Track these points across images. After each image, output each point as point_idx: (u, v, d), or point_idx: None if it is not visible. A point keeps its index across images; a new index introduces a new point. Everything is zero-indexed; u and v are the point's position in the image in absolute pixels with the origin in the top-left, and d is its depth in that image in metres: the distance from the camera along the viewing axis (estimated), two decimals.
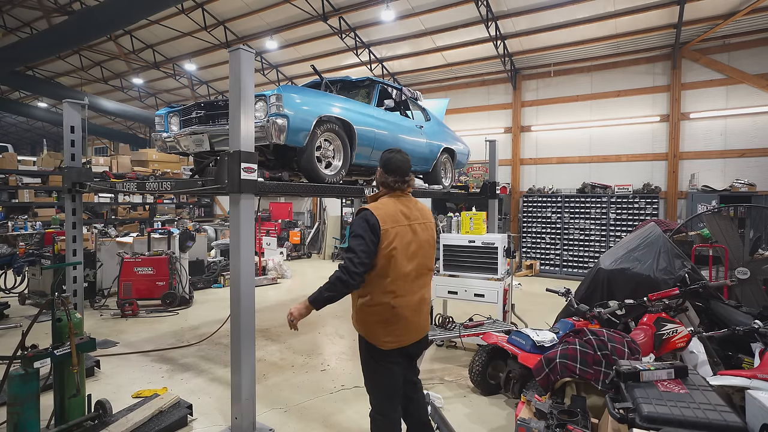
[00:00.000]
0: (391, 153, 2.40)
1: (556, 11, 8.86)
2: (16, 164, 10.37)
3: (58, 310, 2.89)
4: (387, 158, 2.39)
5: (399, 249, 2.23)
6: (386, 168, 2.37)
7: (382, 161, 2.40)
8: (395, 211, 2.29)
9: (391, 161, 2.36)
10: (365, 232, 2.18)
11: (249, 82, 3.00)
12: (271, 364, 4.45)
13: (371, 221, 2.20)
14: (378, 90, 4.98)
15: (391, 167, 2.36)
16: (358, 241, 2.18)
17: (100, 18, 8.46)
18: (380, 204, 2.31)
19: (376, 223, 2.19)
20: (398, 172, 2.36)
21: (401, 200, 2.38)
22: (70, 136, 4.66)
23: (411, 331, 2.35)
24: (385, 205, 2.30)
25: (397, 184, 2.37)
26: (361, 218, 2.23)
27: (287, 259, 11.38)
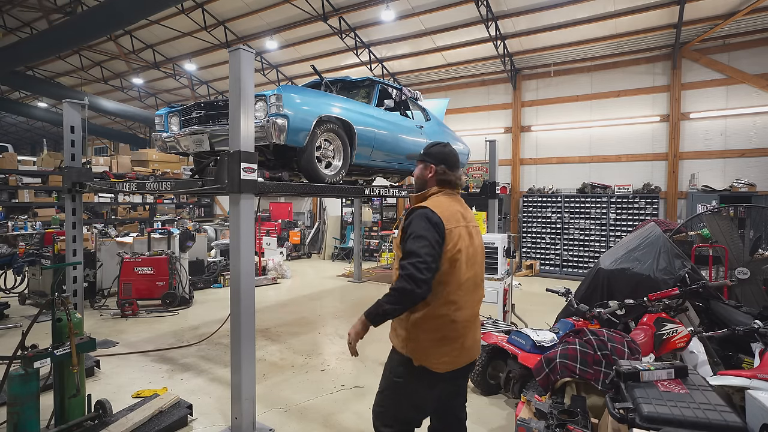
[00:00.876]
0: (445, 147, 2.15)
1: (556, 11, 8.86)
2: (16, 164, 10.37)
3: (58, 310, 2.89)
4: (447, 152, 2.13)
5: (462, 252, 1.96)
6: (448, 163, 2.10)
7: (439, 156, 2.12)
8: (455, 210, 2.02)
9: (452, 155, 2.12)
10: (428, 232, 1.87)
11: (249, 82, 3.01)
12: (271, 364, 4.45)
13: (434, 219, 1.90)
14: (378, 90, 4.98)
15: (452, 161, 2.11)
16: (420, 242, 1.85)
17: (99, 18, 8.46)
18: (437, 202, 2.01)
19: (440, 222, 1.90)
20: (458, 167, 2.14)
21: (456, 199, 2.12)
22: (70, 136, 4.67)
23: (469, 349, 2.04)
24: (442, 204, 2.01)
25: (459, 181, 2.13)
26: (421, 217, 1.92)
27: (287, 259, 11.38)
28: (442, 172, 2.09)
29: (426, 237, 1.85)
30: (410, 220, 1.94)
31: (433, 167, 2.10)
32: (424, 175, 2.14)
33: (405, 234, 1.94)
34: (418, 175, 2.16)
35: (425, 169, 2.14)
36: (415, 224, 1.91)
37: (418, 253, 1.82)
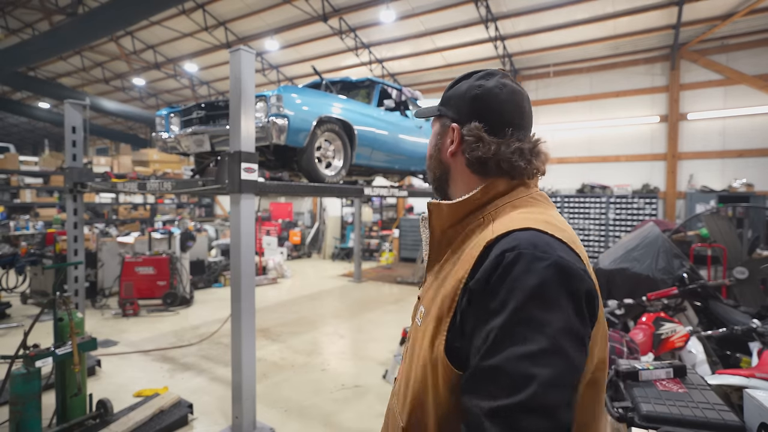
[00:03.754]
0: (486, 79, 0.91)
1: (555, 12, 8.87)
2: (18, 164, 10.38)
3: (59, 310, 2.91)
4: (489, 90, 0.89)
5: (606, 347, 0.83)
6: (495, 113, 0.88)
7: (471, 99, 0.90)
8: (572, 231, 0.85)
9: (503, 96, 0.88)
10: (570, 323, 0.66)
11: (249, 82, 3.02)
12: (271, 364, 4.46)
13: (574, 278, 0.69)
14: (378, 90, 5.00)
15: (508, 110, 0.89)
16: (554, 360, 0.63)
17: (101, 19, 8.49)
18: (544, 216, 0.80)
19: (588, 283, 0.70)
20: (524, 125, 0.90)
21: (548, 206, 0.88)
22: (72, 136, 4.69)
23: None
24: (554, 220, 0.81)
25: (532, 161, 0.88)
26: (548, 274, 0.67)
27: (287, 259, 11.40)
28: (475, 137, 0.87)
29: (547, 335, 0.64)
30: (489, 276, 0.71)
31: (456, 130, 0.91)
32: (442, 148, 0.95)
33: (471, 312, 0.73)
34: (431, 152, 0.99)
35: (442, 133, 0.95)
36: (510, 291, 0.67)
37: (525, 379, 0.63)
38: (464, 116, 0.90)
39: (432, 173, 1.00)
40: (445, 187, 0.97)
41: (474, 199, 0.85)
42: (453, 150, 0.92)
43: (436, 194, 1.00)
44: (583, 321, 0.67)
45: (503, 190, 0.86)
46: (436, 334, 0.77)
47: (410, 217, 12.08)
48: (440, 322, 0.77)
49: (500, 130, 0.86)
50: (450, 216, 0.87)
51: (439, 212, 0.89)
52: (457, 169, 0.92)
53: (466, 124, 0.89)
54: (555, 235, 0.72)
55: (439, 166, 0.96)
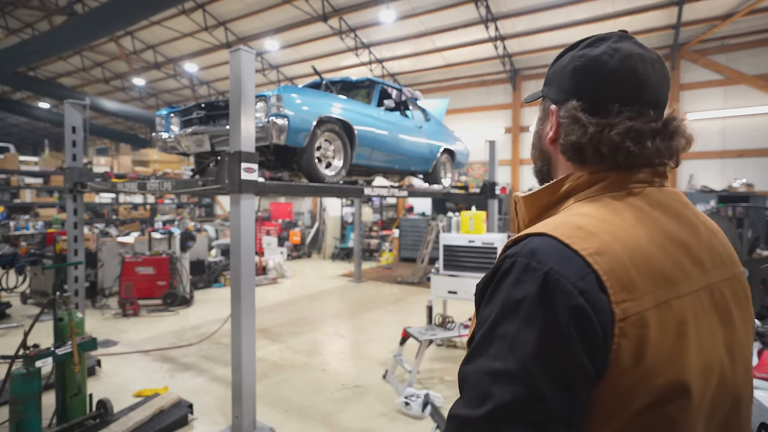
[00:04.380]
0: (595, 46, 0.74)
1: (555, 12, 8.88)
2: (18, 164, 10.38)
3: (59, 310, 2.91)
4: (601, 61, 0.71)
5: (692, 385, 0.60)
6: (606, 85, 0.71)
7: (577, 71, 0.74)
8: (649, 243, 0.64)
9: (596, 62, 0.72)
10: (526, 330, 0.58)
11: (249, 82, 3.02)
12: (271, 364, 4.47)
13: (558, 293, 0.57)
14: (378, 90, 5.00)
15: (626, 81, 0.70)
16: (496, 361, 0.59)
17: (101, 19, 8.49)
18: (586, 221, 0.65)
19: (575, 299, 0.57)
20: (655, 100, 0.72)
21: (658, 200, 0.70)
22: (72, 136, 4.69)
23: None
24: (605, 226, 0.64)
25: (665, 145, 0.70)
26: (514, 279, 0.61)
27: (287, 259, 11.40)
28: (570, 118, 0.73)
29: (517, 356, 0.57)
30: (488, 281, 0.67)
31: (555, 112, 0.78)
32: (542, 135, 0.83)
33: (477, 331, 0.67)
34: (533, 141, 0.88)
35: (544, 117, 0.83)
36: (496, 303, 0.63)
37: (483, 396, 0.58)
38: (563, 95, 0.75)
39: (535, 165, 0.89)
40: (548, 180, 0.81)
41: (546, 193, 0.76)
42: (552, 136, 0.79)
43: (538, 180, 0.89)
44: (566, 345, 0.55)
45: (585, 182, 0.71)
46: (471, 325, 0.74)
47: (410, 217, 12.08)
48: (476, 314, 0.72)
49: (604, 108, 0.70)
50: (527, 210, 0.79)
51: (519, 205, 0.81)
52: (558, 159, 0.79)
53: (564, 104, 0.74)
54: (569, 244, 0.60)
55: (541, 156, 0.85)
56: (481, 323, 0.64)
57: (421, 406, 3.26)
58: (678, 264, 0.64)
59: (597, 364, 0.57)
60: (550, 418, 0.55)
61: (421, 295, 7.45)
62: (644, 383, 0.58)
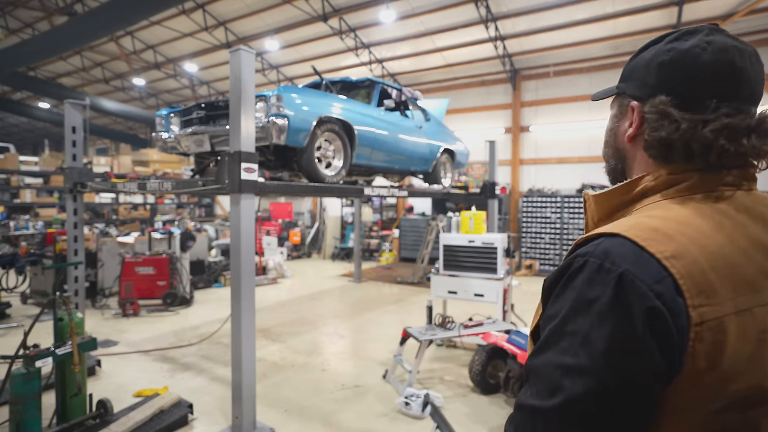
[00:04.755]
0: (685, 39, 0.70)
1: (555, 12, 8.89)
2: (18, 164, 10.39)
3: (59, 310, 2.91)
4: (694, 56, 0.67)
5: None
6: (669, 76, 0.70)
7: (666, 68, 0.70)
8: (729, 248, 0.62)
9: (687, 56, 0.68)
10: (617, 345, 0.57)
11: (250, 82, 3.02)
12: (271, 364, 4.47)
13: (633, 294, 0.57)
14: (378, 90, 5.00)
15: (694, 73, 0.68)
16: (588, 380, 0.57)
17: (101, 19, 8.49)
18: (663, 223, 0.63)
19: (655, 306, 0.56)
20: (744, 88, 0.67)
21: (745, 204, 0.68)
22: (72, 136, 4.69)
23: None
24: (684, 229, 0.62)
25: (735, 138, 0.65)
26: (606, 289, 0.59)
27: (287, 259, 11.40)
28: (659, 114, 0.70)
29: (588, 352, 0.58)
30: (557, 279, 0.67)
31: (637, 108, 0.74)
32: (618, 132, 0.82)
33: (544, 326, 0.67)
34: (606, 139, 0.87)
35: (620, 114, 0.81)
36: (565, 300, 0.63)
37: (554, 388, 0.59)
38: (647, 90, 0.72)
39: (608, 164, 0.86)
40: (622, 179, 0.79)
41: (618, 192, 0.74)
42: (632, 133, 0.76)
43: (610, 180, 0.86)
44: (639, 345, 0.56)
45: (663, 182, 0.70)
46: (535, 317, 0.75)
47: (410, 217, 12.09)
48: (539, 307, 0.74)
49: (697, 103, 0.67)
50: (597, 209, 0.77)
51: (589, 204, 0.79)
52: (635, 157, 0.77)
53: (649, 99, 0.71)
54: (644, 247, 0.60)
55: (615, 155, 0.82)
56: (549, 318, 0.65)
57: (421, 406, 3.26)
58: (763, 271, 0.63)
59: (671, 365, 0.57)
60: (619, 412, 0.57)
61: (421, 295, 7.46)
62: (720, 387, 0.58)
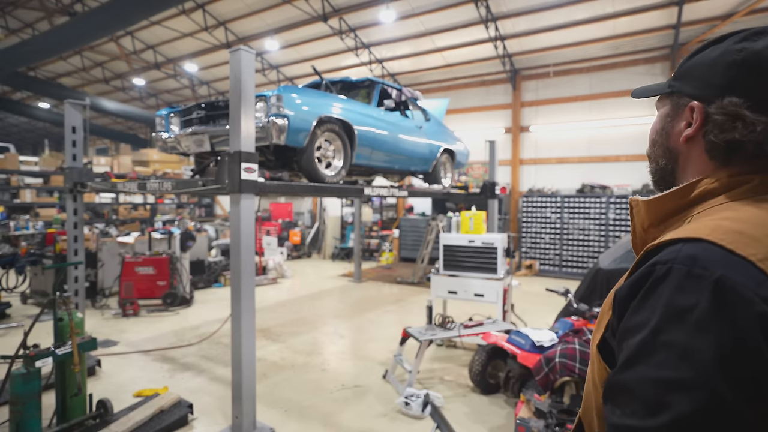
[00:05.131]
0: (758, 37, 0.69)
1: (555, 12, 8.88)
2: (18, 164, 10.38)
3: (59, 310, 2.91)
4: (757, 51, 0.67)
5: None
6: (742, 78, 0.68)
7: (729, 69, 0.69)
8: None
9: (760, 57, 0.67)
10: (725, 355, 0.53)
11: (249, 82, 3.02)
12: (271, 364, 4.47)
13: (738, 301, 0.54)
14: (378, 90, 5.00)
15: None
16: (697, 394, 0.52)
17: (101, 19, 8.49)
18: (742, 225, 0.62)
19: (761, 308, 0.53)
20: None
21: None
22: (72, 136, 4.69)
23: None
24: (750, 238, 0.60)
25: None
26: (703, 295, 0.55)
27: (287, 259, 11.40)
28: (730, 115, 0.68)
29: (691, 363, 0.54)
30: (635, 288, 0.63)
31: (698, 108, 0.72)
32: (672, 132, 0.79)
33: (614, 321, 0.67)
34: (654, 138, 0.83)
35: (674, 114, 0.79)
36: (652, 309, 0.59)
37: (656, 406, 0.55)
38: (713, 91, 0.70)
39: (655, 163, 0.82)
40: (670, 180, 0.79)
41: (675, 196, 0.73)
42: (690, 134, 0.73)
43: (657, 189, 0.81)
44: (753, 352, 0.52)
45: (723, 185, 0.69)
46: (598, 329, 0.73)
47: (410, 217, 12.09)
48: (602, 318, 0.73)
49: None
50: (649, 215, 0.76)
51: (638, 209, 0.78)
52: (690, 158, 0.75)
53: (716, 101, 0.69)
54: (734, 250, 0.58)
55: (666, 155, 0.79)
56: (631, 331, 0.61)
57: (421, 406, 3.26)
58: None
59: None
60: (734, 427, 0.52)
61: (421, 295, 7.46)
62: None
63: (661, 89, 0.80)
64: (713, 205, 0.68)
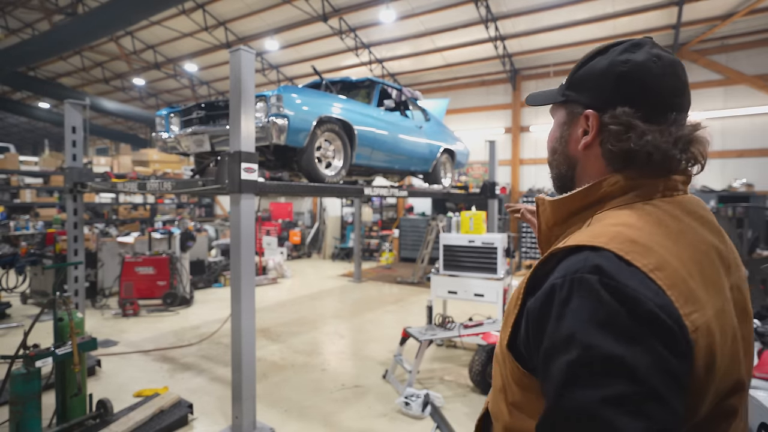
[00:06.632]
0: (633, 51, 0.74)
1: (555, 12, 8.88)
2: (18, 164, 10.38)
3: (59, 310, 2.91)
4: (637, 67, 0.72)
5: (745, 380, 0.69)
6: (644, 95, 0.72)
7: (614, 79, 0.73)
8: (693, 252, 0.67)
9: (653, 74, 0.71)
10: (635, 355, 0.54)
11: (249, 82, 3.02)
12: (271, 364, 4.47)
13: (643, 306, 0.57)
14: (378, 90, 5.00)
15: (662, 89, 0.72)
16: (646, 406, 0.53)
17: (101, 19, 8.49)
18: (636, 233, 0.65)
19: (661, 316, 0.57)
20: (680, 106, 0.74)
21: (688, 208, 0.73)
22: (72, 136, 4.69)
23: None
24: (651, 236, 0.65)
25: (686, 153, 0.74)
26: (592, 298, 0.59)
27: (287, 259, 11.40)
28: (623, 125, 0.71)
29: (633, 376, 0.54)
30: (548, 301, 0.64)
31: (593, 117, 0.76)
32: (570, 140, 0.82)
33: (529, 333, 0.68)
34: (554, 146, 0.85)
35: (570, 122, 0.82)
36: (576, 322, 0.59)
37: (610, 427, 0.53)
38: (606, 100, 0.74)
39: (556, 170, 0.85)
40: (570, 185, 0.82)
41: (577, 198, 0.76)
42: (588, 141, 0.77)
43: (558, 193, 0.83)
44: (668, 360, 0.55)
45: (621, 188, 0.72)
46: (505, 327, 0.75)
47: (410, 217, 12.08)
48: (509, 316, 0.74)
49: (659, 115, 0.71)
50: (553, 214, 0.79)
51: (544, 209, 0.81)
52: (588, 164, 0.78)
53: (608, 110, 0.73)
54: (631, 261, 0.60)
55: (566, 162, 0.82)
56: (556, 348, 0.60)
57: (421, 406, 3.26)
58: (718, 270, 0.68)
59: (687, 373, 0.57)
60: (678, 427, 0.56)
61: (421, 295, 7.45)
62: (714, 390, 0.61)
63: (555, 98, 0.84)
64: (612, 207, 0.72)
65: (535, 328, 0.65)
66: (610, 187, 0.73)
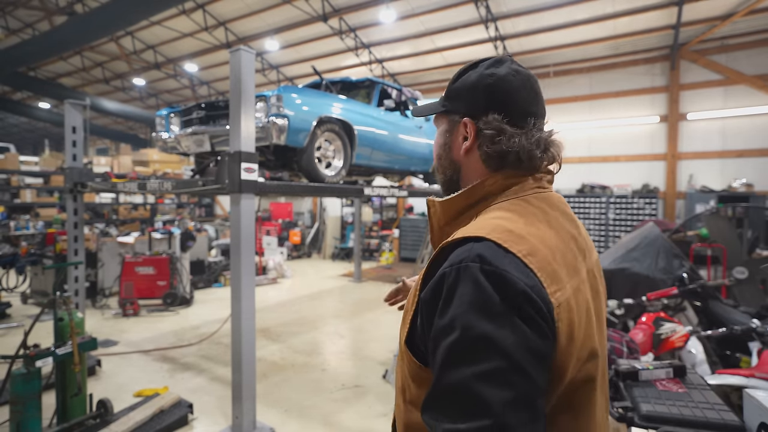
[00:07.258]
0: (497, 66, 0.88)
1: (555, 12, 8.88)
2: (18, 164, 10.38)
3: (59, 310, 2.92)
4: (501, 79, 0.85)
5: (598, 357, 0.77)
6: (510, 102, 0.84)
7: (484, 89, 0.85)
8: (557, 240, 0.78)
9: (517, 83, 0.85)
10: (505, 334, 0.62)
11: (249, 82, 3.02)
12: (271, 364, 4.47)
13: (515, 287, 0.65)
14: (378, 90, 5.00)
15: (522, 97, 0.85)
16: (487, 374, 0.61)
17: (101, 19, 8.49)
18: (508, 223, 0.75)
19: (531, 295, 0.66)
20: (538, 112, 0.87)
21: (549, 203, 0.85)
22: (72, 136, 4.69)
23: None
24: (524, 227, 0.75)
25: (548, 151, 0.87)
26: (471, 284, 0.66)
27: (287, 259, 11.40)
28: (495, 130, 0.82)
29: (502, 352, 0.62)
30: (438, 288, 0.71)
31: (470, 124, 0.86)
32: (453, 146, 0.90)
33: (424, 323, 0.74)
34: (439, 153, 0.93)
35: (451, 129, 0.90)
36: (458, 306, 0.66)
37: (485, 408, 0.59)
38: (478, 109, 0.85)
39: (443, 175, 0.93)
40: (455, 188, 0.89)
41: (463, 197, 0.85)
42: (468, 146, 0.86)
43: (446, 195, 0.89)
44: (526, 325, 0.63)
45: (500, 186, 0.83)
46: (404, 324, 0.81)
47: (410, 217, 12.08)
48: (407, 313, 0.81)
49: (521, 120, 0.83)
50: (443, 213, 0.87)
51: (435, 210, 0.88)
52: (470, 167, 0.88)
53: (482, 117, 0.84)
54: (508, 248, 0.69)
55: (451, 166, 0.91)
56: (444, 330, 0.66)
57: None
58: (575, 255, 0.80)
59: (548, 349, 0.66)
60: (541, 386, 0.64)
61: None
62: (575, 356, 0.70)
63: (437, 108, 0.93)
64: (493, 203, 0.82)
65: (427, 317, 0.72)
66: (491, 186, 0.83)
